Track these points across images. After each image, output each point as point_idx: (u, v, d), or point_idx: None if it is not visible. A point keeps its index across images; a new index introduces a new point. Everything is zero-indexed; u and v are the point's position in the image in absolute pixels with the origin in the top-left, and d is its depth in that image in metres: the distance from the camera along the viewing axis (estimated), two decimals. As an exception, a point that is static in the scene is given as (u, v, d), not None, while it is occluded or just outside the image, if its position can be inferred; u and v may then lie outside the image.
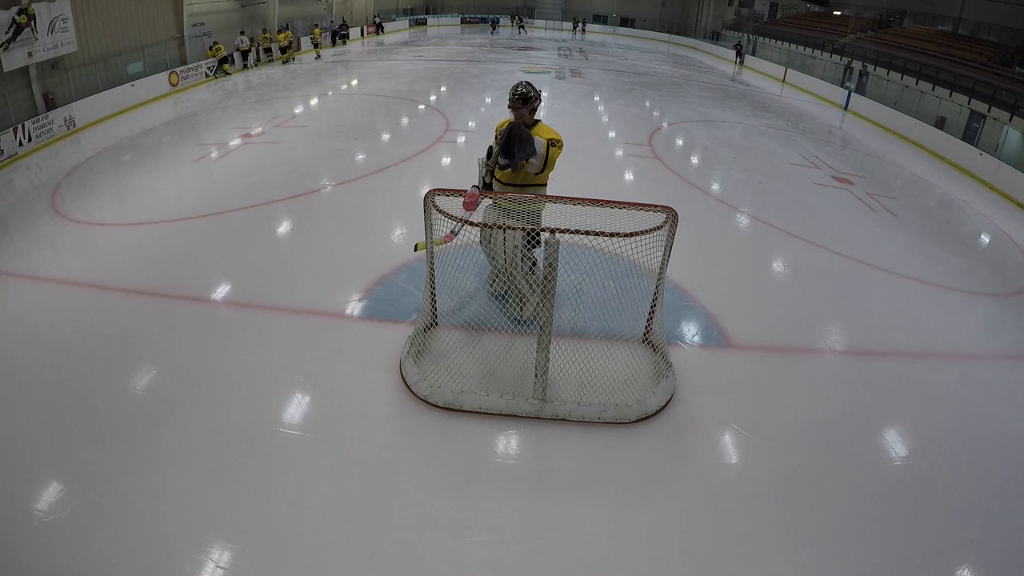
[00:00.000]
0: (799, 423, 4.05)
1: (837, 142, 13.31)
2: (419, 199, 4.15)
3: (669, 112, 14.27)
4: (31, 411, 3.82)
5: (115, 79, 12.74)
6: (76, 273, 5.62)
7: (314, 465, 3.45)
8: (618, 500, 3.34)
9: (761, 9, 29.51)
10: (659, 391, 4.07)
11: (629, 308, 4.32)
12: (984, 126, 12.34)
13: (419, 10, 35.84)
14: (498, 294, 4.91)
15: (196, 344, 4.57)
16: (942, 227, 8.80)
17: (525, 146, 4.05)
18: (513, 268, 4.43)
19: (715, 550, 3.08)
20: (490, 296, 4.95)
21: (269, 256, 5.99)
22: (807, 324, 5.31)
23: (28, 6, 10.18)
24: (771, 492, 3.46)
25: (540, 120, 4.34)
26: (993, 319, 5.89)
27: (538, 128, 4.23)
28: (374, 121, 11.88)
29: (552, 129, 4.28)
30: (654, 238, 3.78)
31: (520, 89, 4.12)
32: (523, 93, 4.10)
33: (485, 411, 3.87)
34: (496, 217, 4.36)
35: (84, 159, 9.45)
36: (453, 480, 3.40)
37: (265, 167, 8.83)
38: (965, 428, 4.15)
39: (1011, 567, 3.12)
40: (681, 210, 4.02)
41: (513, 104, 4.11)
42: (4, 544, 2.92)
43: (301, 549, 2.94)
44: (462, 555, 2.96)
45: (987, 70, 14.96)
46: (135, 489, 3.23)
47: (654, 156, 10.26)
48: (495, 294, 4.93)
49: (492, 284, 4.97)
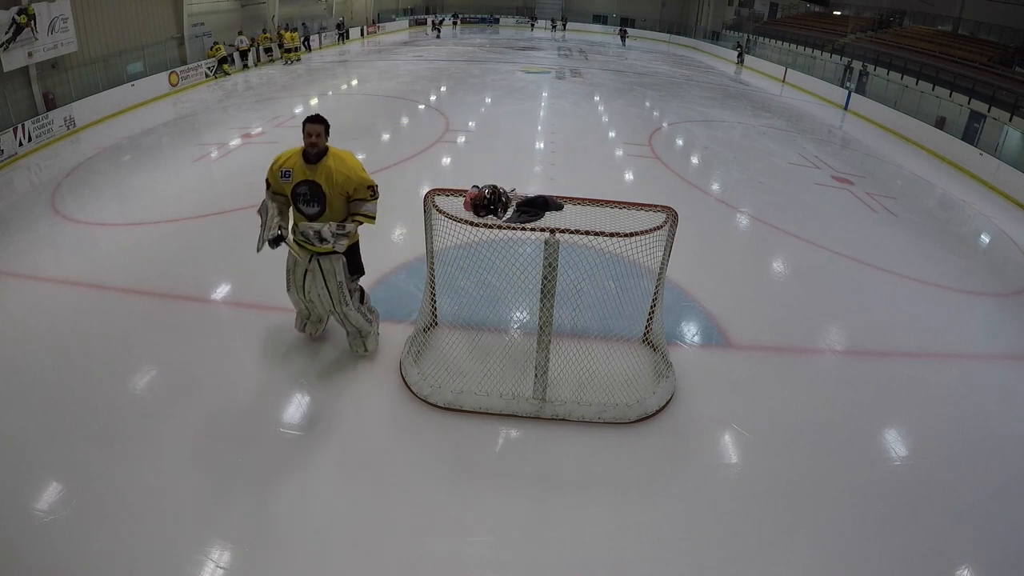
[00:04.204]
0: (799, 423, 4.05)
1: (837, 142, 13.31)
2: (419, 199, 4.15)
3: (669, 112, 14.27)
4: (31, 411, 3.82)
5: (115, 79, 12.73)
6: (76, 273, 5.61)
7: (314, 465, 3.45)
8: (618, 500, 3.34)
9: (761, 9, 29.50)
10: (659, 391, 4.07)
11: (629, 308, 4.32)
12: (984, 126, 12.34)
13: (419, 10, 35.84)
14: (318, 336, 4.55)
15: (196, 344, 4.57)
16: (942, 227, 8.80)
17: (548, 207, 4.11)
18: (344, 305, 4.09)
19: (715, 550, 3.08)
20: (308, 339, 4.54)
21: (269, 256, 5.98)
22: (807, 324, 5.31)
23: (28, 6, 10.18)
24: (771, 492, 3.46)
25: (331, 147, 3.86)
26: (993, 319, 5.89)
27: (336, 158, 3.80)
28: (374, 121, 11.88)
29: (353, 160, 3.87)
30: (654, 238, 3.78)
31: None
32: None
33: (485, 411, 3.87)
34: (306, 261, 4.01)
35: (84, 159, 9.44)
36: (453, 480, 3.40)
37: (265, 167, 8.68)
38: (965, 428, 4.15)
39: (1011, 567, 3.12)
40: (681, 210, 4.02)
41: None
42: (4, 544, 2.92)
43: (301, 549, 2.94)
44: (462, 555, 2.96)
45: (987, 70, 14.95)
46: (135, 489, 3.23)
47: (654, 156, 10.26)
48: (315, 336, 4.54)
49: (308, 329, 4.51)
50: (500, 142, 10.69)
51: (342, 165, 3.77)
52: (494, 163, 9.30)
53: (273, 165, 3.94)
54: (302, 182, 3.78)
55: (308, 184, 3.77)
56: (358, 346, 4.40)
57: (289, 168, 3.80)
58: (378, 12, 30.07)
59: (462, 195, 3.97)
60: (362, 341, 4.38)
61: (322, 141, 3.76)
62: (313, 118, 3.77)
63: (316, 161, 3.75)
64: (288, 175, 3.81)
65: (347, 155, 3.85)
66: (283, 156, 3.91)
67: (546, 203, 4.04)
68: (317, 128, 3.73)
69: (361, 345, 4.38)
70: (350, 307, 4.14)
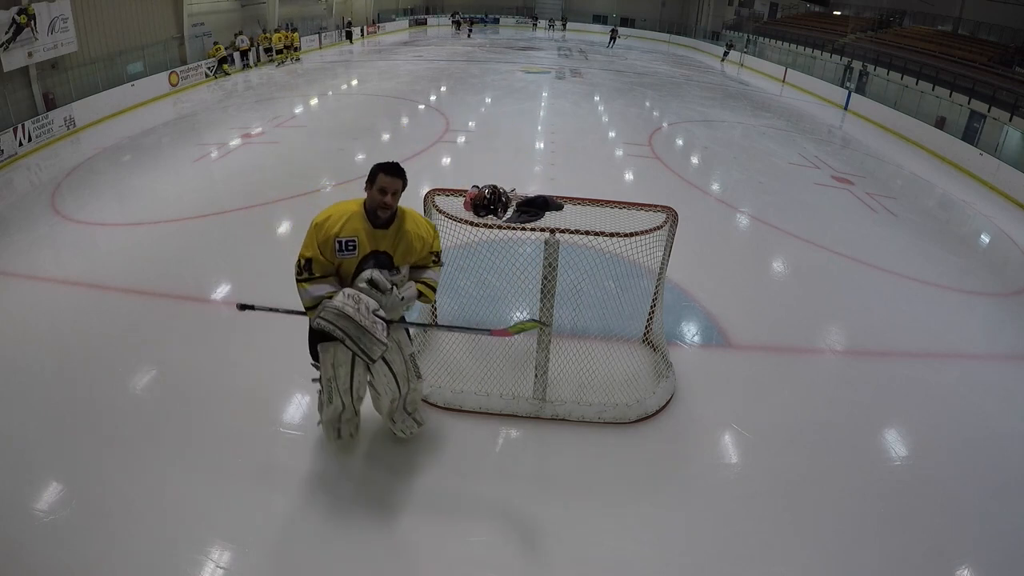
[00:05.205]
0: (799, 423, 4.05)
1: (837, 142, 13.31)
2: (419, 199, 4.14)
3: (669, 112, 14.27)
4: (31, 411, 3.81)
5: (115, 79, 12.72)
6: (76, 273, 5.61)
7: (314, 465, 3.45)
8: (618, 500, 3.34)
9: (761, 9, 29.51)
10: (659, 391, 4.07)
11: (629, 308, 4.32)
12: (984, 126, 12.34)
13: (419, 10, 35.85)
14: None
15: (196, 344, 4.57)
16: (942, 227, 8.79)
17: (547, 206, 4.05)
18: (414, 380, 3.29)
19: (715, 550, 3.07)
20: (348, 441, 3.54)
21: (269, 256, 5.99)
22: (807, 324, 5.31)
23: (28, 6, 10.17)
24: (771, 492, 3.46)
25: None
26: (993, 319, 5.89)
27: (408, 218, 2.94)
28: (374, 121, 11.87)
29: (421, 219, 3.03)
30: (654, 238, 3.78)
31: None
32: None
33: (485, 411, 3.87)
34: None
35: (84, 159, 9.44)
36: (453, 480, 3.40)
37: (265, 167, 8.83)
38: (965, 428, 4.15)
39: (1011, 567, 3.12)
40: (681, 210, 4.02)
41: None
42: (4, 544, 2.92)
43: (301, 549, 2.94)
44: (462, 555, 2.96)
45: (987, 70, 14.95)
46: (135, 489, 3.23)
47: (654, 156, 10.26)
48: (356, 436, 3.54)
49: (347, 430, 3.46)
50: (500, 142, 10.69)
51: (418, 228, 2.93)
52: (494, 163, 9.30)
53: (317, 233, 2.75)
54: (371, 254, 2.81)
55: (378, 257, 2.83)
56: (409, 426, 3.50)
57: (352, 236, 2.76)
58: (378, 12, 30.09)
59: (462, 195, 3.97)
60: (415, 421, 3.53)
61: (397, 201, 2.80)
62: (390, 168, 2.74)
63: (388, 225, 2.83)
64: (352, 247, 2.77)
65: (418, 215, 3.03)
66: (334, 218, 2.77)
67: (546, 203, 4.04)
68: (395, 184, 2.74)
69: (413, 423, 3.52)
70: (421, 379, 3.36)
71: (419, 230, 2.93)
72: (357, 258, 2.81)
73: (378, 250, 2.83)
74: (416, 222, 2.95)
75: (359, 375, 3.12)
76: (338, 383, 3.13)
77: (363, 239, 2.79)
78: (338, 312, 2.63)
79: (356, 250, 2.79)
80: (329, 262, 2.79)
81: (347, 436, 3.45)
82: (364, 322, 2.64)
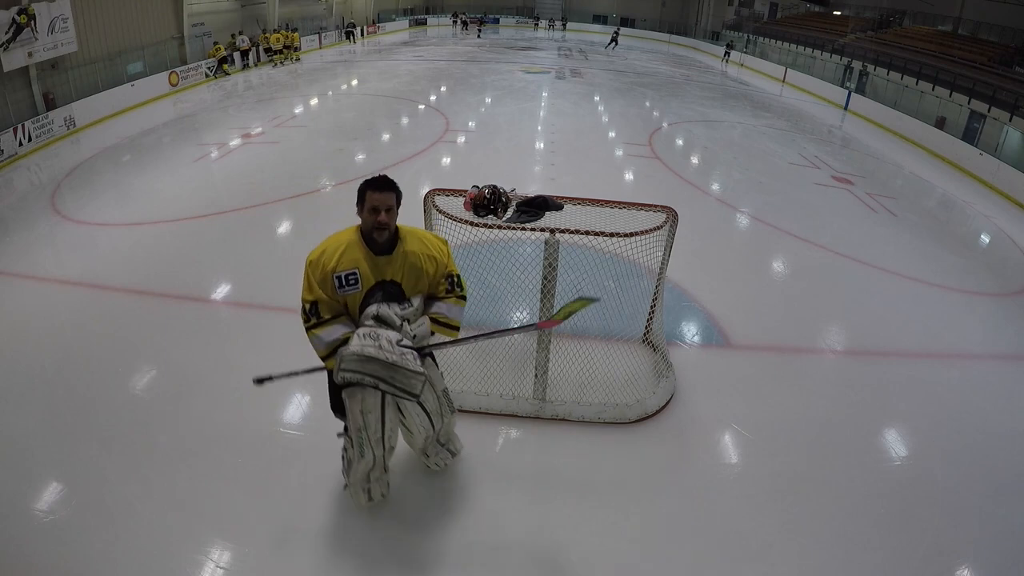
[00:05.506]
0: (799, 423, 4.05)
1: (837, 142, 13.31)
2: (419, 199, 4.14)
3: (669, 112, 14.27)
4: (31, 411, 3.82)
5: (115, 79, 12.73)
6: (76, 273, 5.62)
7: (314, 465, 3.44)
8: (618, 500, 3.34)
9: (761, 9, 29.51)
10: (659, 391, 4.07)
11: (629, 308, 4.32)
12: (984, 126, 12.34)
13: (419, 10, 35.85)
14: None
15: (196, 344, 4.57)
16: (942, 227, 8.79)
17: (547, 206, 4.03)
18: (449, 415, 3.07)
19: (715, 550, 3.07)
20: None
21: (269, 256, 5.99)
22: (807, 324, 5.31)
23: (28, 6, 10.17)
24: (771, 492, 3.46)
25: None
26: (993, 319, 5.88)
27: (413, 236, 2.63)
28: (374, 121, 11.88)
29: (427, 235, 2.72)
30: (654, 238, 3.78)
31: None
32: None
33: (485, 411, 3.87)
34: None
35: (84, 159, 9.45)
36: (453, 480, 3.40)
37: (265, 167, 8.83)
38: (965, 428, 4.15)
39: (1011, 567, 3.12)
40: (681, 210, 4.02)
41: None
42: (5, 544, 2.92)
43: (301, 549, 2.94)
44: (462, 555, 2.96)
45: (987, 70, 14.95)
46: (135, 489, 3.23)
47: (654, 156, 10.26)
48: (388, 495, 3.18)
49: (377, 491, 3.09)
50: (500, 142, 10.69)
51: (427, 247, 2.59)
52: (494, 163, 9.31)
53: (313, 272, 2.48)
54: (377, 285, 2.51)
55: (385, 287, 2.52)
56: (444, 457, 3.29)
57: (352, 269, 2.46)
58: (378, 12, 30.09)
59: (462, 195, 3.97)
60: (449, 452, 3.33)
61: (394, 219, 2.50)
62: (378, 183, 2.44)
63: (390, 250, 2.52)
64: (354, 281, 2.47)
65: (424, 232, 2.71)
66: (329, 252, 2.48)
67: (546, 203, 4.04)
68: (387, 199, 2.43)
69: (447, 453, 3.31)
70: (454, 412, 3.13)
71: (428, 249, 2.58)
72: (362, 292, 2.49)
73: (385, 280, 2.50)
74: (423, 241, 2.60)
75: (391, 418, 2.82)
76: (368, 432, 2.74)
77: (365, 270, 2.47)
78: (359, 357, 2.33)
79: (359, 283, 2.47)
80: (332, 300, 2.49)
81: (378, 497, 3.08)
82: (391, 357, 2.33)
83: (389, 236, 2.49)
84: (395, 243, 2.53)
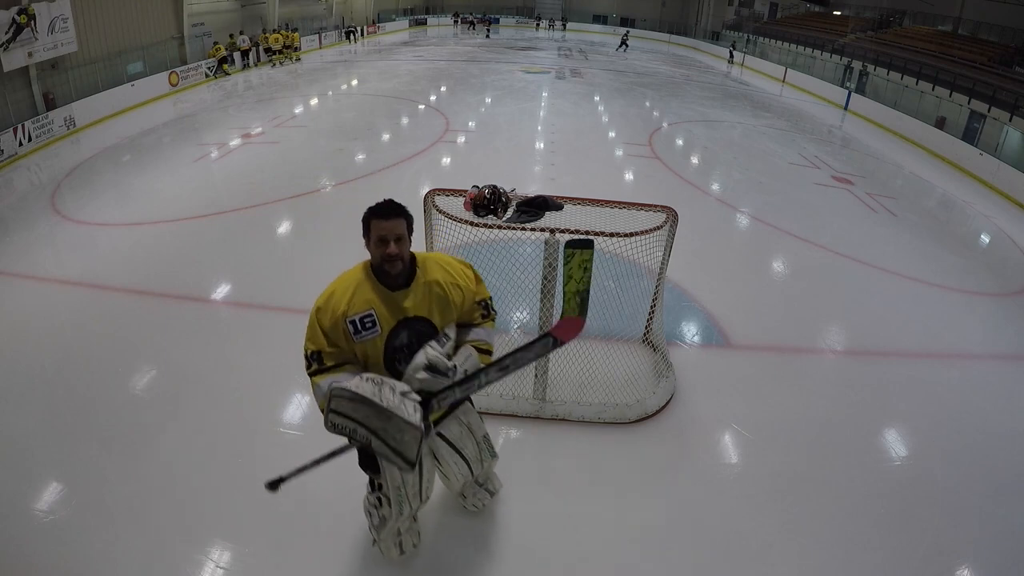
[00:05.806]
0: (799, 423, 4.05)
1: (837, 142, 13.31)
2: (419, 199, 4.14)
3: (669, 112, 14.27)
4: (31, 411, 3.82)
5: (115, 79, 12.73)
6: (76, 273, 5.62)
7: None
8: (618, 500, 3.34)
9: (761, 9, 29.52)
10: (659, 391, 4.07)
11: (629, 308, 4.32)
12: (984, 126, 12.34)
13: (419, 10, 35.86)
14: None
15: (196, 344, 4.57)
16: (942, 227, 8.79)
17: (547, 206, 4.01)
18: (489, 459, 2.81)
19: (715, 550, 3.07)
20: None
21: (269, 256, 5.99)
22: (807, 324, 5.31)
23: (28, 6, 10.18)
24: (771, 492, 3.46)
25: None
26: (993, 319, 5.88)
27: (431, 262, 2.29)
28: (374, 121, 11.87)
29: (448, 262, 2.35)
30: (654, 238, 3.78)
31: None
32: None
33: (485, 411, 3.86)
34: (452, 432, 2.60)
35: (84, 159, 9.45)
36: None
37: (265, 167, 8.83)
38: (965, 428, 4.15)
39: (1011, 567, 3.12)
40: (681, 210, 4.02)
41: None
42: (5, 544, 2.92)
43: (301, 549, 2.94)
44: (462, 555, 2.96)
45: (987, 70, 14.95)
46: (135, 489, 3.23)
47: (654, 156, 10.26)
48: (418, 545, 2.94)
49: (408, 543, 2.84)
50: (500, 142, 10.69)
51: (451, 275, 2.28)
52: (494, 163, 9.30)
53: (321, 320, 2.16)
54: (400, 325, 2.18)
55: (411, 325, 2.19)
56: (482, 498, 3.08)
57: (367, 310, 2.14)
58: (378, 12, 30.10)
59: (462, 195, 3.97)
60: (488, 492, 3.11)
61: (406, 248, 2.15)
62: (383, 210, 2.11)
63: (408, 283, 2.19)
64: (371, 323, 2.14)
65: (445, 257, 2.36)
66: (338, 294, 2.17)
67: (546, 203, 4.04)
68: (396, 227, 2.10)
69: (486, 494, 3.10)
70: (495, 457, 2.87)
71: (452, 278, 2.26)
72: (383, 336, 2.15)
73: (408, 317, 2.17)
74: (445, 268, 2.27)
75: (428, 468, 2.54)
76: (407, 489, 2.47)
77: (381, 310, 2.14)
78: (352, 396, 1.95)
79: (377, 325, 2.13)
80: (345, 347, 2.16)
81: (410, 548, 2.83)
82: (387, 403, 1.95)
83: (404, 268, 2.15)
84: (413, 274, 2.19)
